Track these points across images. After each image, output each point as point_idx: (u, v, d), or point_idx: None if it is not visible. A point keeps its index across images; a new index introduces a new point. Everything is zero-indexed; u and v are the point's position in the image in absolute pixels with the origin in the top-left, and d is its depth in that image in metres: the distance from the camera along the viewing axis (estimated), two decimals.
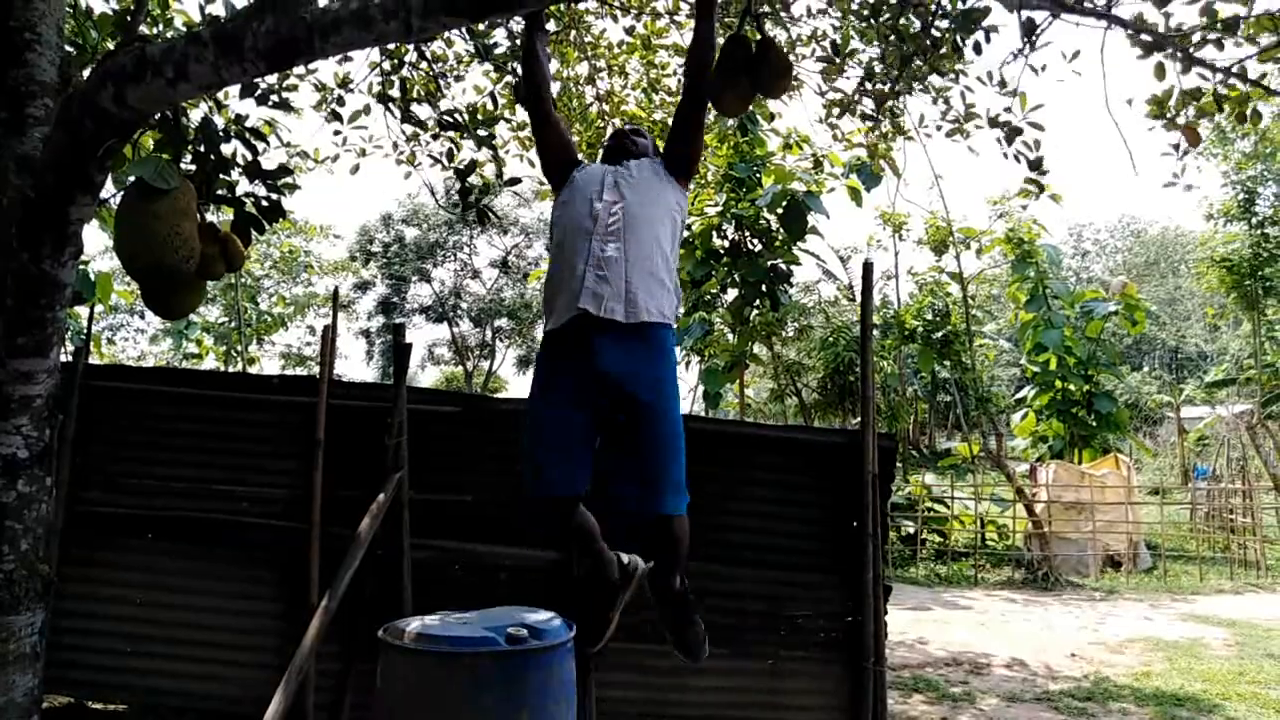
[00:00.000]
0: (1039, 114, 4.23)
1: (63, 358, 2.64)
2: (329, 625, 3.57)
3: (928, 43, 3.92)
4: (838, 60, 4.58)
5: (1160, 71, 3.77)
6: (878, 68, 4.44)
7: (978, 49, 4.07)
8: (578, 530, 2.77)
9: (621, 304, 2.64)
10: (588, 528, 2.80)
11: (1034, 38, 3.63)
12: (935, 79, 4.45)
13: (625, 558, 2.88)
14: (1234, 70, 3.72)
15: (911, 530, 12.61)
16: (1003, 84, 4.20)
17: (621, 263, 2.66)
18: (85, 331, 4.85)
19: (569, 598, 3.05)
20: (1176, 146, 3.94)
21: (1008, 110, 4.22)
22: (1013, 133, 4.19)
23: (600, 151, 3.08)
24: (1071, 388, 15.07)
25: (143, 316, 23.78)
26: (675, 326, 2.85)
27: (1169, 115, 3.79)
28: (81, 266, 6.42)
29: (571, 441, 2.67)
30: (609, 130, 3.15)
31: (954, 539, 12.83)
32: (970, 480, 14.24)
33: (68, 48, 3.12)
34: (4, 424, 2.41)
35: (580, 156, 3.22)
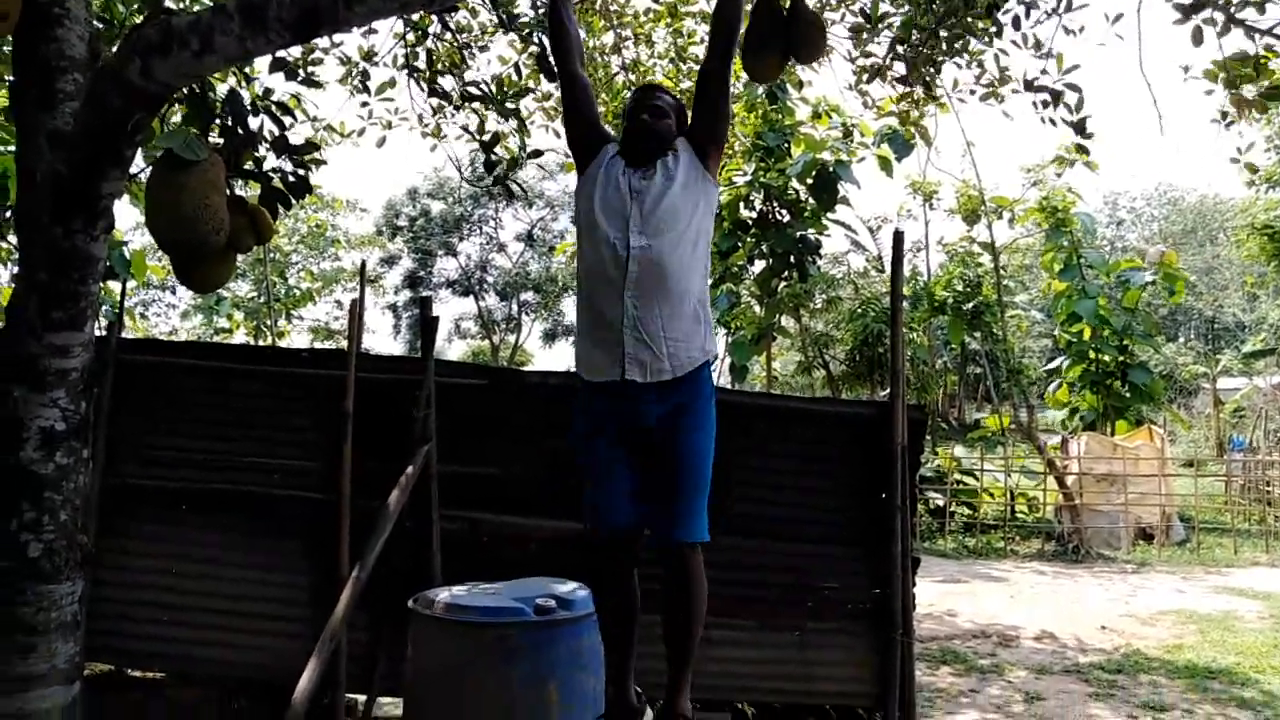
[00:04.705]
0: (1076, 75, 4.13)
1: (97, 332, 2.66)
2: (359, 596, 3.62)
3: (960, 3, 3.83)
4: (869, 25, 4.49)
5: (1198, 36, 3.64)
6: (914, 34, 4.34)
7: (1016, 23, 3.97)
8: (630, 589, 2.87)
9: (666, 363, 2.68)
10: (633, 613, 2.91)
11: None
12: (969, 42, 4.35)
13: (638, 698, 2.98)
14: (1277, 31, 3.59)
15: (940, 503, 12.54)
16: (1038, 45, 4.10)
17: (658, 320, 2.66)
18: (119, 306, 4.90)
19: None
20: (1224, 115, 3.81)
21: (1044, 73, 4.11)
22: (1054, 97, 4.09)
23: (623, 120, 2.97)
24: (1105, 358, 14.82)
25: (174, 292, 24.09)
26: (712, 356, 2.86)
27: (1234, 83, 3.64)
28: (117, 246, 6.48)
29: (621, 481, 2.75)
30: None
31: (983, 511, 12.75)
32: (1000, 453, 14.10)
33: (96, 23, 3.12)
34: (41, 397, 2.44)
35: (608, 128, 3.15)
